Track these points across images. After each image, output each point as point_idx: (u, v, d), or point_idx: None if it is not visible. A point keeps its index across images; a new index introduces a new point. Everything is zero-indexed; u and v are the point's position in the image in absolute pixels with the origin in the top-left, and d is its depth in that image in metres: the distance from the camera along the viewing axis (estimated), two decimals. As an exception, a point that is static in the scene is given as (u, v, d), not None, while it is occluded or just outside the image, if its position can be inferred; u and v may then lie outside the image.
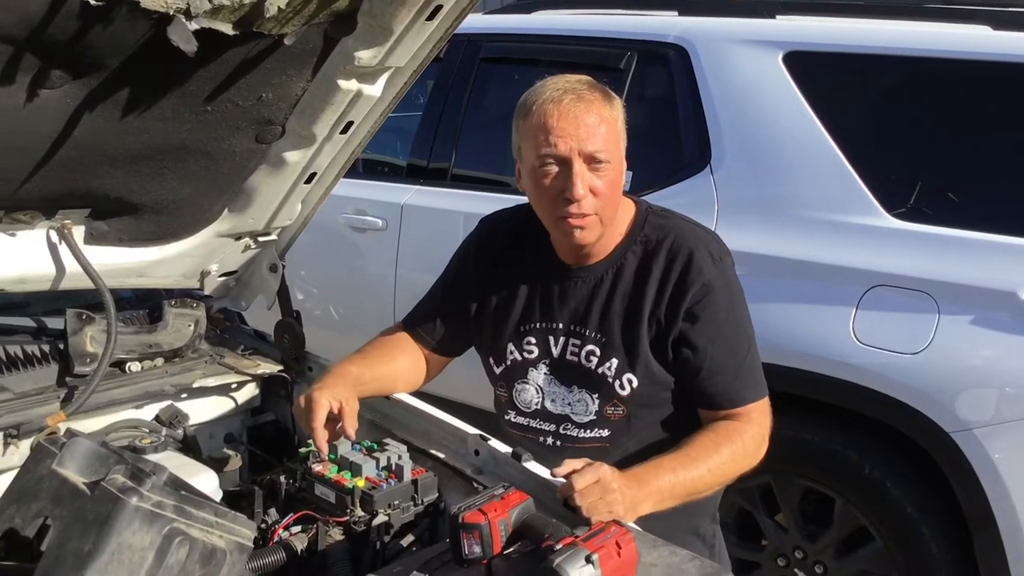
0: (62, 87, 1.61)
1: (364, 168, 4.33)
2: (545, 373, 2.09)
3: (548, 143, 1.91)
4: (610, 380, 2.02)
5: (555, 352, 2.08)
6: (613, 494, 1.70)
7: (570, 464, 1.73)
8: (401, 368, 2.20)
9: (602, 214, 1.95)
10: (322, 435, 1.86)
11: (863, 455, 2.96)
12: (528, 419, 2.12)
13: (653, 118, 3.60)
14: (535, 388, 2.11)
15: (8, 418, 2.02)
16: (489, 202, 3.71)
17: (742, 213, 3.15)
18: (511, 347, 2.12)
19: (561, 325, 2.07)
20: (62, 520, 1.48)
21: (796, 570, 3.18)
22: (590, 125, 1.90)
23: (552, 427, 2.09)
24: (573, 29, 3.91)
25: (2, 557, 1.67)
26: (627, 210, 2.07)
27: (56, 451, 1.56)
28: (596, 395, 2.04)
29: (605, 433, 2.05)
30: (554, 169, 1.93)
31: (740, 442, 1.94)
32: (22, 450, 2.00)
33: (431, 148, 4.10)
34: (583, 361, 2.05)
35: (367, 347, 2.23)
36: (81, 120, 1.71)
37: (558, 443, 2.08)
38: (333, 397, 1.88)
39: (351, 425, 1.87)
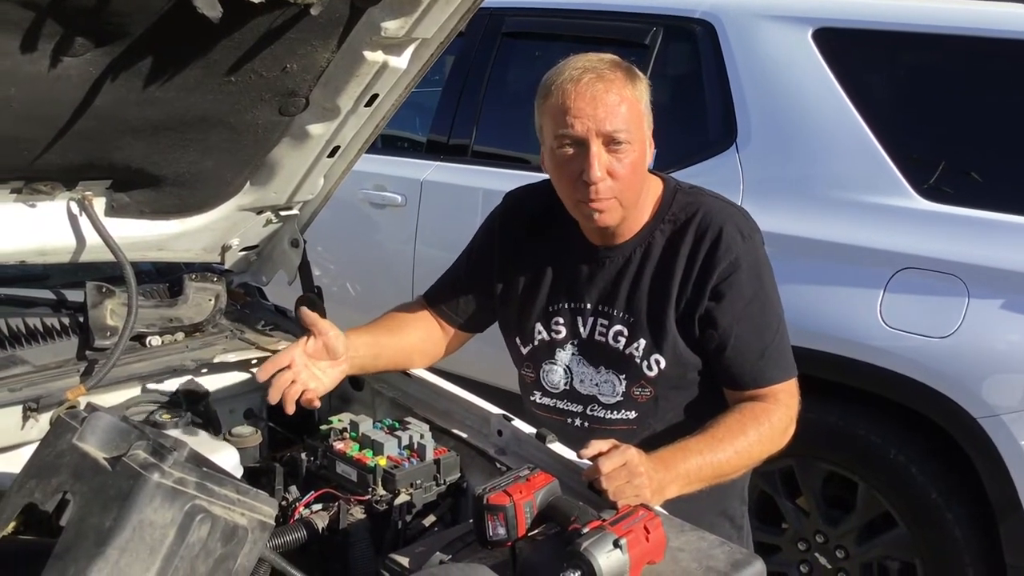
0: (85, 55, 1.59)
1: (383, 143, 4.31)
2: (573, 353, 2.07)
3: (565, 123, 1.87)
4: (637, 361, 1.99)
5: (583, 332, 2.05)
6: (640, 477, 1.67)
7: (597, 446, 1.70)
8: (414, 341, 2.18)
9: (621, 197, 1.92)
10: (274, 385, 1.88)
11: (888, 439, 2.93)
12: (555, 400, 2.10)
13: (678, 95, 3.56)
14: (563, 369, 2.08)
15: (28, 391, 2.00)
16: (510, 179, 3.67)
17: (768, 192, 3.11)
18: (539, 327, 2.09)
19: (589, 305, 2.05)
20: (82, 495, 1.46)
21: (817, 554, 3.16)
22: (609, 105, 1.86)
23: (579, 408, 2.07)
24: (597, 3, 3.86)
25: (21, 531, 1.66)
26: (655, 188, 2.04)
27: (77, 425, 1.54)
28: (623, 376, 2.01)
29: (632, 415, 2.03)
30: (571, 150, 1.89)
31: (767, 423, 1.90)
32: (41, 423, 1.98)
33: (452, 124, 4.07)
34: (610, 341, 2.02)
35: (381, 318, 2.21)
36: (103, 89, 1.68)
37: (585, 424, 2.06)
38: (302, 363, 1.90)
39: (291, 399, 1.88)
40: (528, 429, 1.96)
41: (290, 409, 1.90)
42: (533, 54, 4.08)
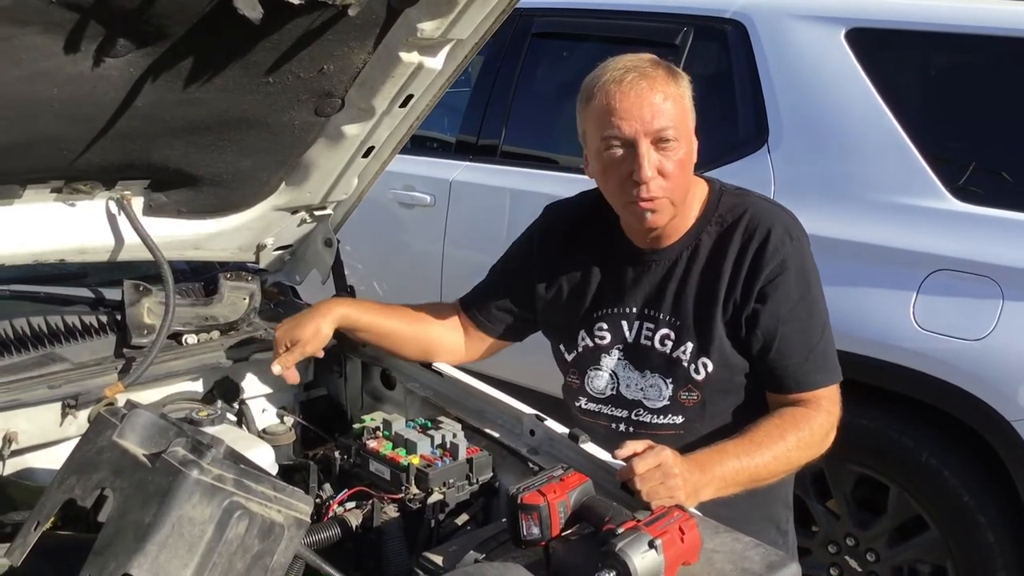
0: (126, 56, 1.60)
1: (412, 143, 4.31)
2: (619, 358, 2.05)
3: (612, 125, 1.85)
4: (685, 364, 1.98)
5: (629, 337, 2.04)
6: (674, 479, 1.66)
7: (631, 447, 1.70)
8: (418, 334, 2.21)
9: (672, 196, 1.90)
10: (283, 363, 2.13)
11: (920, 442, 2.90)
12: (600, 406, 2.09)
13: (709, 95, 3.52)
14: (608, 374, 2.07)
15: (67, 388, 2.02)
16: (539, 180, 3.70)
17: (799, 193, 3.08)
18: (582, 334, 2.08)
19: (634, 309, 2.03)
20: (122, 492, 1.48)
21: (847, 557, 3.14)
22: (655, 104, 1.84)
23: (625, 413, 2.06)
24: (627, 3, 3.85)
25: (59, 527, 1.68)
26: (700, 190, 2.02)
27: (116, 422, 1.56)
28: (670, 380, 2.00)
29: (679, 419, 2.01)
30: (620, 152, 1.87)
31: (807, 429, 1.89)
32: (80, 420, 2.01)
33: (481, 124, 4.07)
34: (657, 345, 2.01)
35: (410, 307, 2.26)
36: (143, 90, 1.70)
37: (631, 429, 2.04)
38: (290, 338, 2.11)
39: (285, 364, 2.12)
40: (561, 429, 1.95)
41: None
42: (563, 54, 4.08)
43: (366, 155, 2.19)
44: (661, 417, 2.02)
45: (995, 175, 2.88)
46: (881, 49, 3.09)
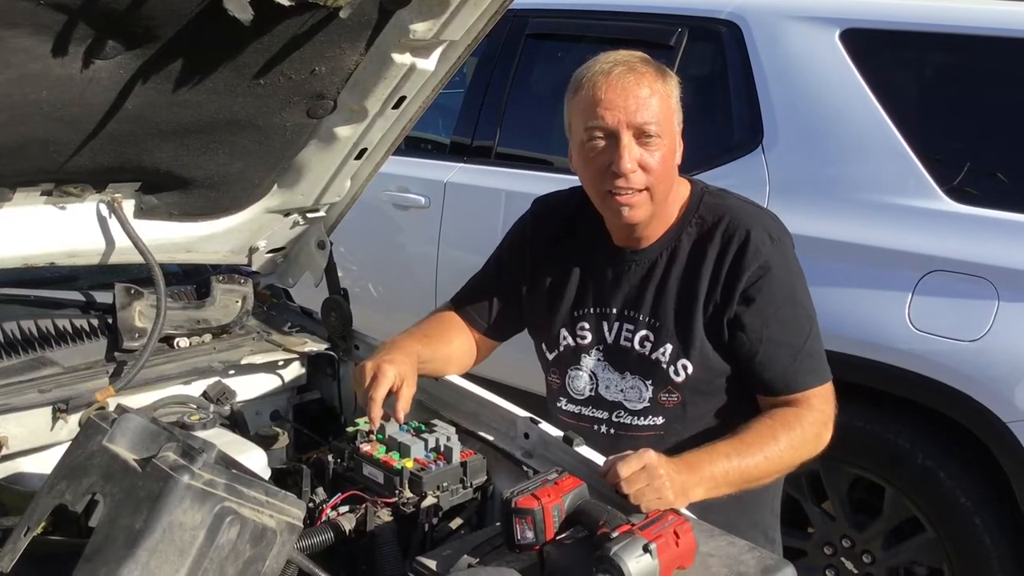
0: (115, 58, 1.59)
1: (407, 145, 4.30)
2: (598, 359, 2.05)
3: (596, 115, 1.87)
4: (664, 366, 1.97)
5: (609, 338, 2.04)
6: (660, 479, 1.66)
7: (614, 458, 1.70)
8: (456, 351, 2.16)
9: (653, 190, 1.90)
10: (379, 409, 1.82)
11: (916, 444, 2.90)
12: (581, 407, 2.08)
13: (703, 96, 3.53)
14: (588, 375, 2.06)
15: (57, 392, 2.02)
16: (533, 181, 3.69)
17: (794, 194, 3.08)
18: (564, 332, 2.08)
19: (615, 310, 2.03)
20: (112, 497, 1.47)
21: (843, 559, 3.13)
22: (640, 97, 1.86)
23: (605, 415, 2.05)
24: (622, 4, 3.84)
25: (50, 532, 1.67)
26: (681, 191, 2.02)
27: (107, 427, 1.55)
28: (650, 381, 1.99)
29: (659, 421, 2.01)
30: (601, 143, 1.88)
31: (799, 429, 1.88)
32: (71, 425, 2.00)
33: (476, 126, 4.06)
34: (636, 346, 2.00)
35: (426, 325, 2.17)
36: (134, 92, 1.69)
37: (611, 431, 2.04)
38: (398, 374, 1.85)
39: (403, 409, 1.83)
40: (555, 432, 1.94)
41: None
42: (557, 55, 4.07)
43: (359, 157, 2.18)
44: (642, 419, 2.02)
45: (990, 176, 2.88)
46: (875, 50, 3.09)
